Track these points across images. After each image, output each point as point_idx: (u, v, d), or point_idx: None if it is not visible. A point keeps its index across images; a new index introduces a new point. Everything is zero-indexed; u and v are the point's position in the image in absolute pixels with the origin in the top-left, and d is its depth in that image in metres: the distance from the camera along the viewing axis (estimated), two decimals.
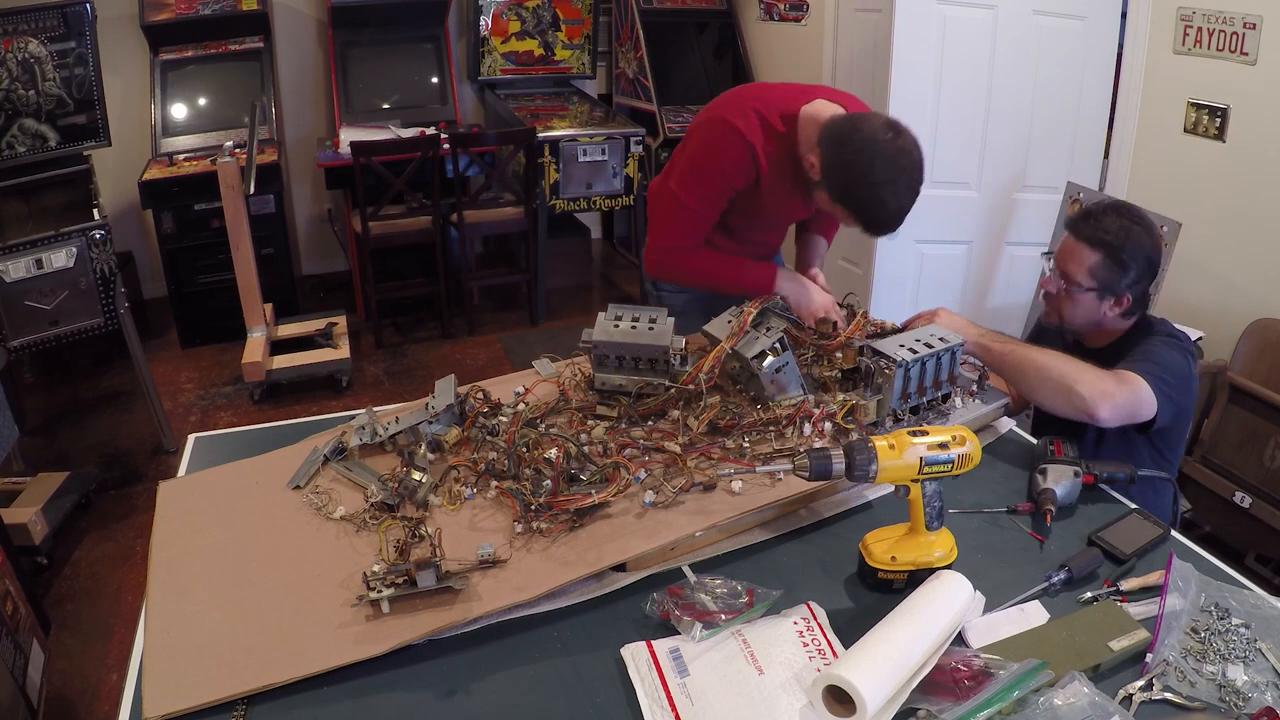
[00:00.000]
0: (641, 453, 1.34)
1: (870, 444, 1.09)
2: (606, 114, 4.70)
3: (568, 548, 1.18)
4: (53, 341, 2.97)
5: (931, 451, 1.10)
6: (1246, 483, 2.31)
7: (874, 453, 1.09)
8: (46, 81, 3.08)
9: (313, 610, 1.10)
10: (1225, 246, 2.63)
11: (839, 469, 1.10)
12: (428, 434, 1.40)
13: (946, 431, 1.12)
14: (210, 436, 1.62)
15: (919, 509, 1.14)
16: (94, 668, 2.25)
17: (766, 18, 4.64)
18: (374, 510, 1.27)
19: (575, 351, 1.58)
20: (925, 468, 1.10)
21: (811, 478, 1.12)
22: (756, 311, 1.51)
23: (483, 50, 4.76)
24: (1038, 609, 1.14)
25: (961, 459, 1.11)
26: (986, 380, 1.58)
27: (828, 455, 1.10)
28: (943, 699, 0.97)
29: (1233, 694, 1.00)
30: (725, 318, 1.55)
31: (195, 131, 4.12)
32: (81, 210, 3.13)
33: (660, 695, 0.99)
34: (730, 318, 1.53)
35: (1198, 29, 2.59)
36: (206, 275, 3.99)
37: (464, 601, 1.10)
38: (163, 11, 4.03)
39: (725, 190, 1.76)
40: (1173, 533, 1.30)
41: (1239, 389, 2.36)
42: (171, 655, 1.04)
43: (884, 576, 1.15)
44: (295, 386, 3.68)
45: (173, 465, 1.97)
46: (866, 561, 1.16)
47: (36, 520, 2.56)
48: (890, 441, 1.10)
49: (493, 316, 4.52)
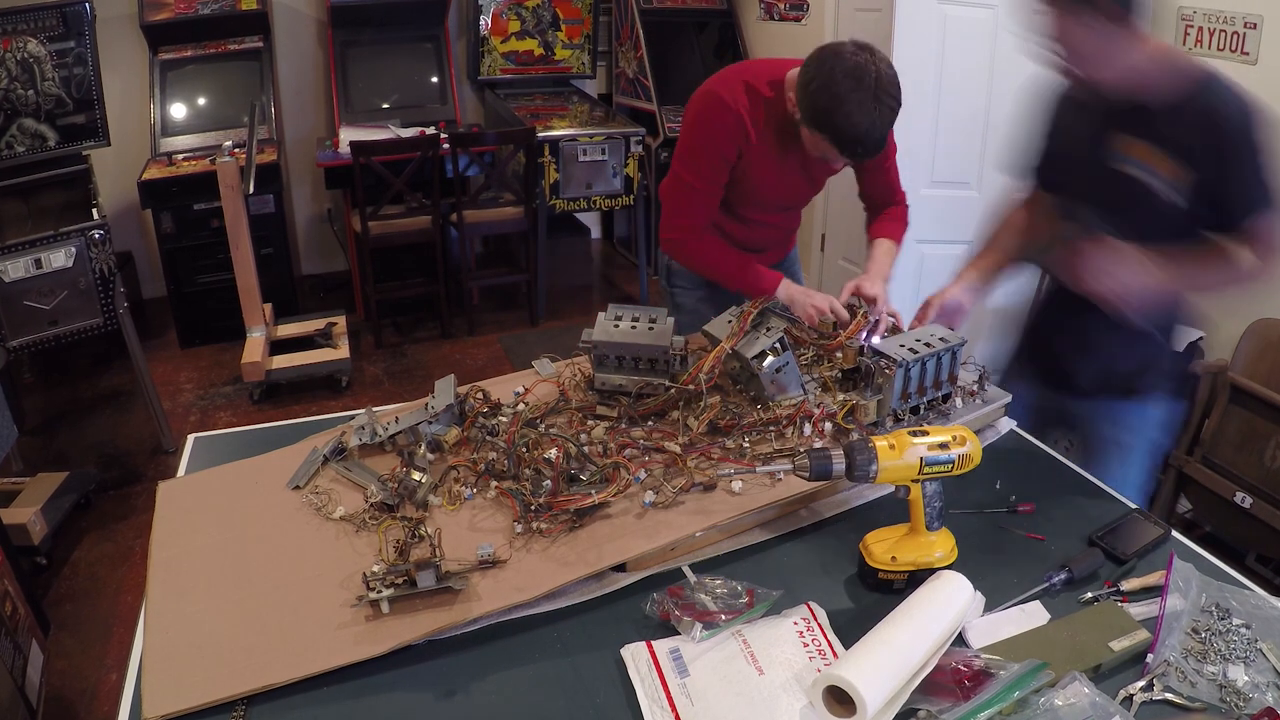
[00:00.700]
0: (641, 453, 1.33)
1: (870, 444, 1.10)
2: (606, 114, 4.70)
3: (567, 548, 1.18)
4: (52, 341, 2.97)
5: (932, 451, 1.10)
6: (1247, 483, 2.30)
7: (874, 453, 1.09)
8: (45, 81, 3.08)
9: (312, 610, 1.10)
10: None
11: (839, 469, 1.10)
12: (427, 434, 1.40)
13: (947, 431, 1.13)
14: (210, 437, 1.62)
15: (919, 509, 1.14)
16: (93, 668, 2.25)
17: (767, 17, 4.64)
18: (374, 510, 1.27)
19: (575, 351, 1.58)
20: (926, 468, 1.10)
21: (812, 478, 1.12)
22: (756, 312, 1.51)
23: (482, 50, 4.76)
24: (1038, 609, 1.13)
25: (962, 459, 1.11)
26: (986, 380, 1.57)
27: (828, 455, 1.11)
28: (943, 699, 0.97)
29: (1233, 694, 1.00)
30: (725, 318, 1.55)
31: (195, 131, 4.12)
32: (81, 210, 3.13)
33: (660, 695, 0.98)
34: (730, 318, 1.53)
35: (1198, 29, 2.59)
36: (206, 275, 3.99)
37: (464, 602, 1.10)
38: (162, 11, 4.03)
39: (719, 162, 1.78)
40: (1173, 533, 1.29)
41: (1240, 389, 2.35)
42: (171, 655, 1.04)
43: (884, 577, 1.15)
44: (295, 386, 3.68)
45: (172, 465, 1.97)
46: (867, 562, 1.16)
47: (36, 520, 2.56)
48: (890, 441, 1.10)
49: (492, 316, 4.52)
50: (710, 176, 1.80)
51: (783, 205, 2.00)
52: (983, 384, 1.56)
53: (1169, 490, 2.53)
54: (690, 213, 1.84)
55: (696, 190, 1.81)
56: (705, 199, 1.83)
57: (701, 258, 1.88)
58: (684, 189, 1.83)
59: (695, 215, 1.84)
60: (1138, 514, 1.33)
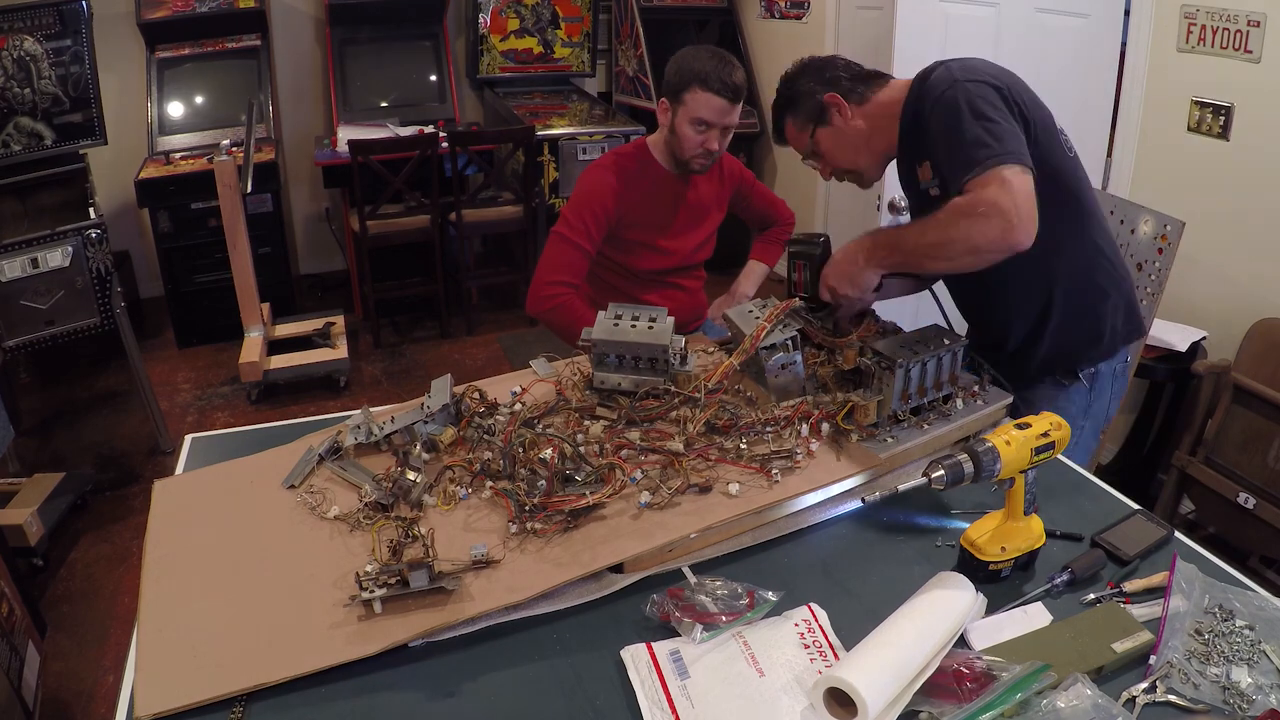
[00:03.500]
0: (638, 453, 1.32)
1: (992, 444, 1.13)
2: (606, 112, 4.69)
3: (562, 549, 1.17)
4: (48, 341, 2.96)
5: (1039, 441, 1.15)
6: (1250, 484, 2.30)
7: (997, 452, 1.12)
8: (42, 79, 3.07)
9: (305, 610, 1.09)
10: (1229, 246, 2.62)
11: (970, 472, 1.13)
12: (423, 434, 1.39)
13: (1045, 421, 1.17)
14: (207, 437, 1.61)
15: (1019, 497, 1.16)
16: (90, 670, 2.24)
17: (767, 15, 4.63)
18: (368, 510, 1.26)
19: (574, 350, 1.57)
20: (1034, 457, 1.14)
21: (948, 487, 1.14)
22: (782, 314, 1.52)
23: (481, 48, 4.75)
24: (1040, 610, 1.12)
25: (1059, 444, 1.16)
26: (988, 381, 1.56)
27: (958, 462, 1.13)
28: (945, 701, 0.96)
29: (1237, 696, 0.99)
30: (747, 307, 1.56)
31: (192, 130, 4.11)
32: (77, 209, 3.12)
33: (660, 697, 0.98)
34: (753, 309, 1.54)
35: (1201, 27, 2.58)
36: (203, 274, 3.98)
37: (456, 602, 1.09)
38: (159, 9, 4.02)
39: (599, 212, 1.95)
40: (1176, 534, 1.29)
41: (1243, 389, 2.35)
42: (164, 654, 1.04)
43: (995, 568, 1.17)
44: (293, 387, 3.67)
45: (169, 466, 1.96)
46: (977, 557, 1.17)
47: (32, 521, 2.55)
48: (1005, 438, 1.14)
49: (491, 316, 4.51)
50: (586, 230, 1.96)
51: (682, 228, 2.08)
52: (984, 385, 1.55)
53: (1171, 491, 2.52)
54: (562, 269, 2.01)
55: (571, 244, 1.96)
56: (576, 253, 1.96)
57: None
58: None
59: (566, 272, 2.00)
60: (1141, 515, 1.32)
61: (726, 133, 1.94)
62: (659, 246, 2.04)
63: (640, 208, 1.99)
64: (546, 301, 1.92)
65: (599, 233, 1.96)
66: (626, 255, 2.04)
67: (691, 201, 2.05)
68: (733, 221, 2.23)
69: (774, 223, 2.25)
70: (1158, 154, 2.84)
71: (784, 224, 2.25)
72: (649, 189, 1.99)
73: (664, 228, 2.04)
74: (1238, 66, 2.51)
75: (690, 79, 1.86)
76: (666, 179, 2.01)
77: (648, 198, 1.99)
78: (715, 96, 1.85)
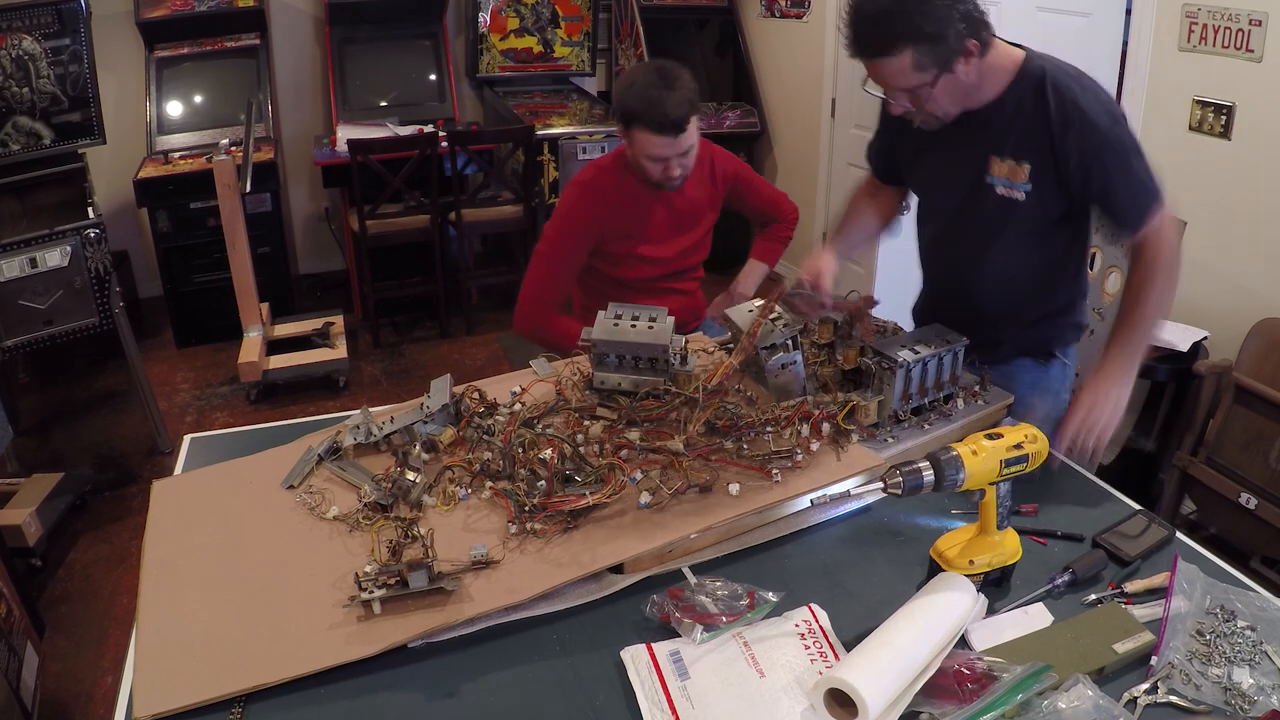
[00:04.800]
0: (638, 453, 1.32)
1: (956, 453, 1.08)
2: (606, 111, 4.69)
3: (561, 549, 1.17)
4: (47, 341, 2.95)
5: (1010, 453, 1.10)
6: (1252, 484, 2.29)
7: (960, 461, 1.08)
8: (41, 79, 3.07)
9: (304, 610, 1.09)
10: (1231, 246, 2.61)
11: (929, 480, 1.08)
12: (422, 434, 1.39)
13: (1019, 432, 1.12)
14: (206, 437, 1.61)
15: (991, 510, 1.13)
16: (89, 670, 2.24)
17: (768, 14, 4.63)
18: (367, 510, 1.26)
19: (573, 350, 1.57)
20: (1004, 469, 1.10)
21: (904, 493, 1.10)
22: (779, 302, 1.51)
23: (481, 47, 4.75)
24: (1041, 611, 1.12)
25: (1034, 457, 1.12)
26: (988, 381, 1.56)
27: (917, 470, 1.08)
28: (946, 702, 0.96)
29: (1238, 697, 0.99)
30: (746, 307, 1.55)
31: (191, 129, 4.11)
32: (76, 209, 3.11)
33: (660, 698, 0.97)
34: (752, 309, 1.53)
35: (1203, 26, 2.58)
36: (202, 274, 3.98)
37: (456, 603, 1.09)
38: (158, 8, 4.02)
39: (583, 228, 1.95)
40: (1177, 534, 1.28)
41: (1244, 389, 2.34)
42: (163, 654, 1.03)
43: None
44: (292, 387, 3.66)
45: (168, 466, 1.96)
46: (944, 569, 1.14)
47: (31, 522, 2.54)
48: (972, 448, 1.10)
49: (491, 316, 4.50)
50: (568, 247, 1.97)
51: (662, 236, 2.05)
52: (984, 385, 1.55)
53: (1173, 491, 2.52)
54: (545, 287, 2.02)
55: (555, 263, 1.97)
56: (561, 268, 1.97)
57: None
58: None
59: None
60: (1142, 515, 1.31)
61: (686, 154, 1.88)
62: (647, 256, 2.01)
63: (621, 220, 1.96)
64: (531, 320, 1.97)
65: (581, 249, 1.95)
66: (615, 267, 2.01)
67: (679, 207, 2.01)
68: (733, 220, 2.22)
69: (776, 219, 2.22)
70: (1159, 153, 2.80)
71: (787, 220, 2.22)
72: (628, 201, 1.96)
73: (649, 237, 2.00)
74: (1239, 66, 2.50)
75: (630, 118, 1.82)
76: (645, 189, 1.96)
77: (628, 209, 1.96)
78: (656, 135, 1.81)
